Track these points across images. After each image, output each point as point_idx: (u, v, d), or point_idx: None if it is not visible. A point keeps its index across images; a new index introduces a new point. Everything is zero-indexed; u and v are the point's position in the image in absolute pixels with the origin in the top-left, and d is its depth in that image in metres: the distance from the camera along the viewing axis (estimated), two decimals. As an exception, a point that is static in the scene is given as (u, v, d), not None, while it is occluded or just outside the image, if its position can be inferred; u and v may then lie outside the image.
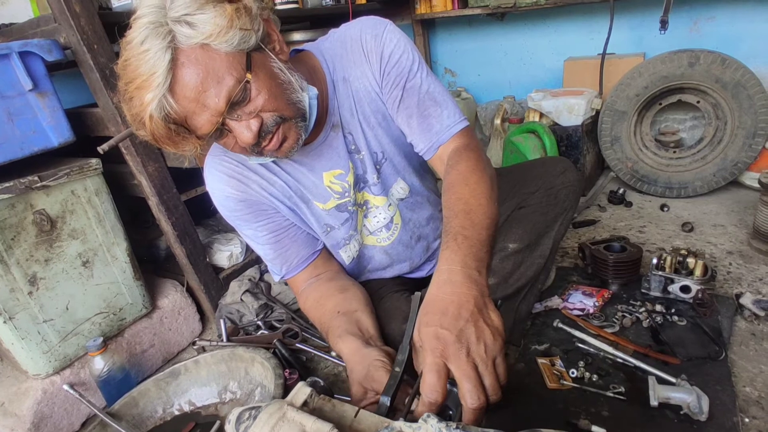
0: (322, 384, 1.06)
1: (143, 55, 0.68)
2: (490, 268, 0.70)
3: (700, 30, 2.14)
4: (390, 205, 1.06)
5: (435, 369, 0.57)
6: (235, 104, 0.74)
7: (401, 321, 1.02)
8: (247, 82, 0.74)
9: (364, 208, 1.07)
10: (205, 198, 1.46)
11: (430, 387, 0.56)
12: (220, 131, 0.78)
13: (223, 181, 1.00)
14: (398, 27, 0.93)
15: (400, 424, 0.51)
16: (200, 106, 0.72)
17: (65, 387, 1.15)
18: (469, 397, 0.55)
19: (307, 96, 0.83)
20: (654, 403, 0.92)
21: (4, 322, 1.07)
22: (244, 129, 0.76)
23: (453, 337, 0.57)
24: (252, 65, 0.74)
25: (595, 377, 1.05)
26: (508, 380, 0.60)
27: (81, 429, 1.20)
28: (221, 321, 1.39)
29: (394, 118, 0.96)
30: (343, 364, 1.22)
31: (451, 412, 0.60)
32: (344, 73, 0.94)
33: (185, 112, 0.73)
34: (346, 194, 1.02)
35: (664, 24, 1.98)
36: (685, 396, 0.91)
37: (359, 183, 1.03)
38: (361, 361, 0.84)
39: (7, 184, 1.04)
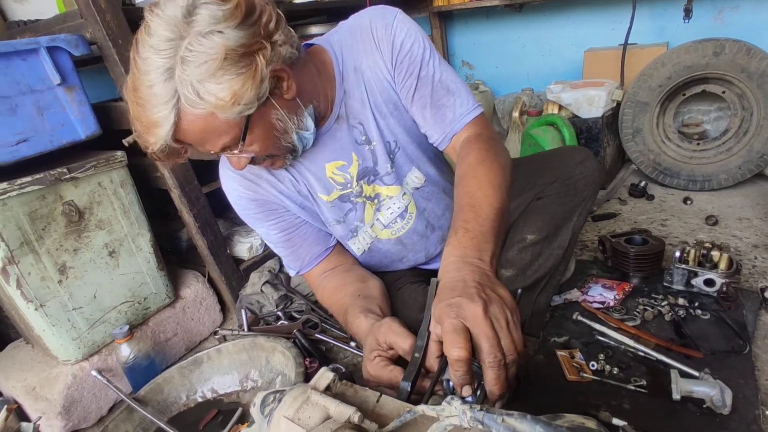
0: (343, 370, 1.07)
1: (150, 99, 0.72)
2: (497, 256, 0.71)
3: (725, 19, 2.08)
4: (404, 194, 1.06)
5: (453, 328, 0.57)
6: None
7: (417, 311, 1.02)
8: (243, 139, 0.80)
9: (376, 201, 1.07)
10: (226, 190, 1.49)
11: (452, 344, 0.56)
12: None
13: (236, 180, 1.03)
14: (415, 19, 0.93)
15: (422, 407, 0.52)
16: (198, 146, 0.81)
17: (93, 373, 1.19)
18: (487, 356, 0.56)
19: (302, 136, 0.88)
20: (676, 396, 0.91)
21: (36, 309, 1.10)
22: (236, 161, 0.86)
23: (466, 300, 0.59)
24: (250, 125, 0.79)
25: (615, 370, 1.04)
26: (526, 347, 0.60)
27: (108, 413, 1.24)
28: (242, 311, 1.41)
29: (408, 108, 0.96)
30: (363, 354, 1.23)
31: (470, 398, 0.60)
32: (355, 63, 0.94)
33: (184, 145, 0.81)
34: (348, 185, 1.03)
35: (688, 12, 1.94)
36: (709, 390, 0.90)
37: (368, 176, 1.03)
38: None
39: (37, 176, 1.07)
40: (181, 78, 0.70)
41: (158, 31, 0.69)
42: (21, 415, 1.18)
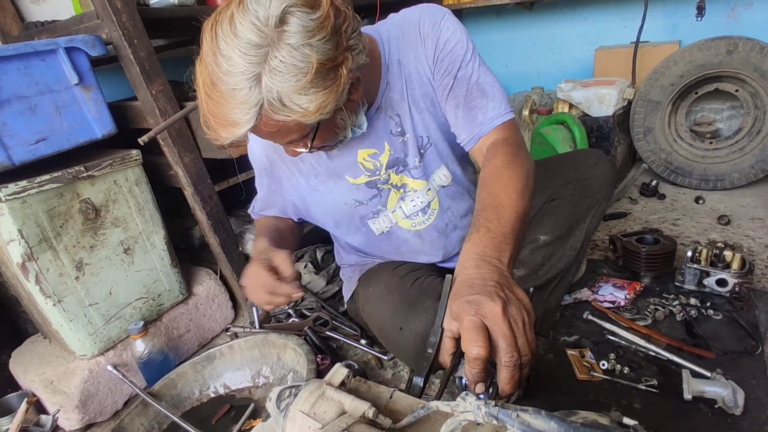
0: (356, 367, 1.08)
1: (232, 102, 0.70)
2: (514, 259, 0.71)
3: (738, 17, 2.06)
4: (429, 190, 1.07)
5: (472, 325, 0.57)
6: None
7: (435, 298, 1.03)
8: (308, 137, 0.82)
9: (402, 191, 1.08)
10: (238, 189, 1.51)
11: (471, 342, 0.56)
12: None
13: (260, 144, 1.08)
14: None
15: (436, 403, 0.53)
16: (263, 136, 0.82)
17: (109, 367, 1.21)
18: (504, 355, 0.56)
19: (354, 130, 0.91)
20: (688, 396, 0.91)
21: (54, 304, 1.13)
22: (292, 150, 0.88)
23: (485, 297, 0.59)
24: (319, 128, 0.81)
25: (626, 370, 1.04)
26: (537, 347, 0.61)
27: (124, 408, 1.26)
28: (254, 308, 1.43)
29: (442, 106, 0.97)
30: (373, 352, 1.25)
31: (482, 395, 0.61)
32: (399, 56, 0.96)
33: None
34: (377, 173, 1.05)
35: (700, 10, 1.92)
36: (720, 390, 0.90)
37: (398, 166, 1.05)
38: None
39: (56, 174, 1.09)
40: (269, 87, 0.69)
41: (246, 35, 0.67)
42: (39, 408, 1.21)
